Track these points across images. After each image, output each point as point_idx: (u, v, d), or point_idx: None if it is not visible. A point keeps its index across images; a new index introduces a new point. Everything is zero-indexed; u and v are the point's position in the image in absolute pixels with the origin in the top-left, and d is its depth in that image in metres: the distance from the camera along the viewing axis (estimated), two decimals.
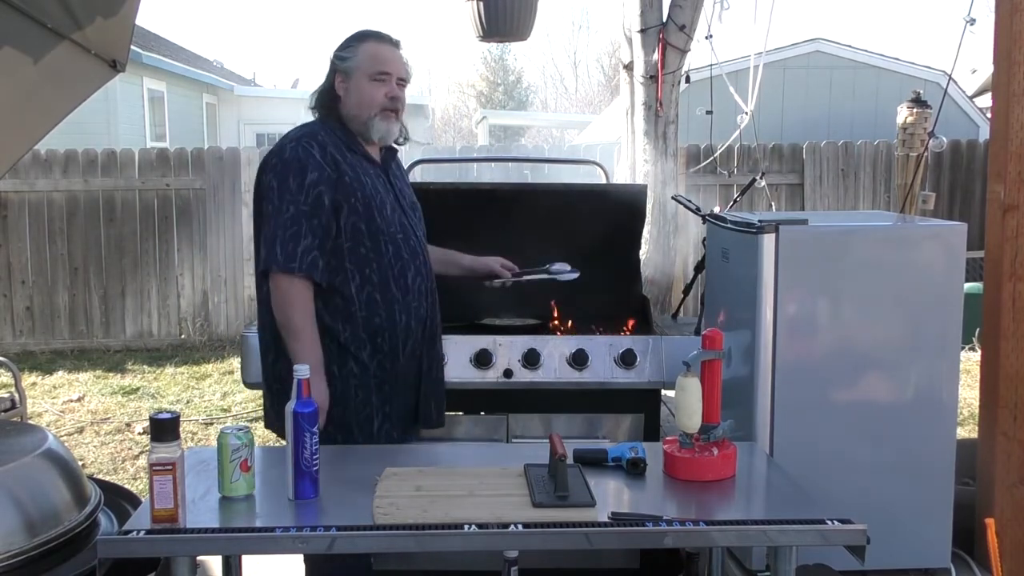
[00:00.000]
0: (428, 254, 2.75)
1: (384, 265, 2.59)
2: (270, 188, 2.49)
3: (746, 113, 5.79)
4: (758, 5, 5.61)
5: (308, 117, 2.73)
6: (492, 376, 3.21)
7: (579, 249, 3.54)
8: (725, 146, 6.42)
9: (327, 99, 2.66)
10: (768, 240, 2.77)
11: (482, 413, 3.30)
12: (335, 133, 2.61)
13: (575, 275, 3.14)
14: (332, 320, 2.55)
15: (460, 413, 3.29)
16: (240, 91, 17.95)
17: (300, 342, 2.48)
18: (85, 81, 3.23)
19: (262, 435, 5.75)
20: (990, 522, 2.92)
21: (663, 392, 3.31)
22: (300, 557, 2.65)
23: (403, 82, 2.67)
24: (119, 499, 2.82)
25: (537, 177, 7.98)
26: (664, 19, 5.65)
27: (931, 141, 4.56)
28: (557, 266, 3.13)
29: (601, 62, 34.53)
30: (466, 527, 1.93)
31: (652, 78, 5.65)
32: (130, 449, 5.52)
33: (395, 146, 2.75)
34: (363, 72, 2.62)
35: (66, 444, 4.80)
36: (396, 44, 2.70)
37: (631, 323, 3.54)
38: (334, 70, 2.65)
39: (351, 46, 2.65)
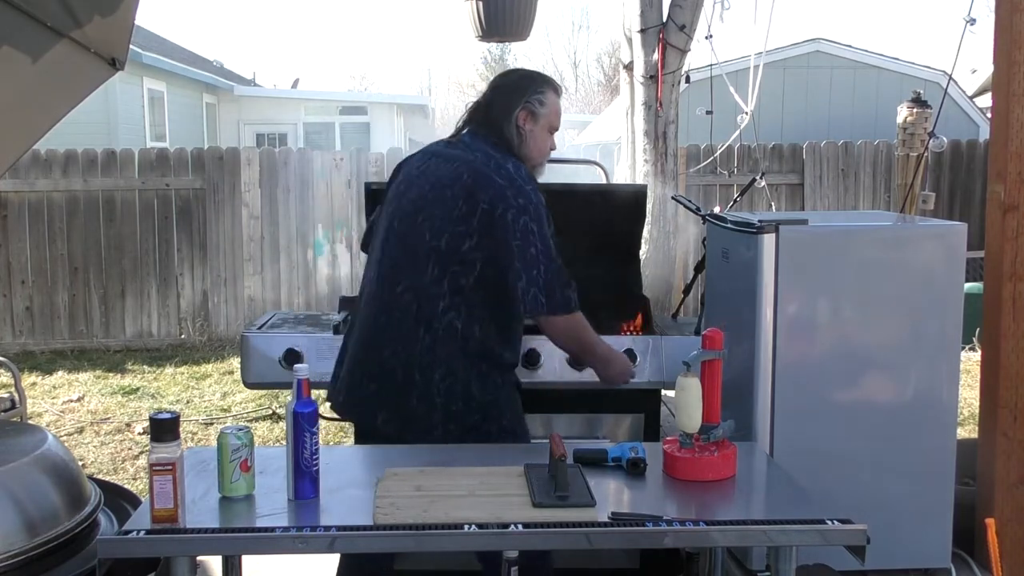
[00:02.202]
0: None
1: None
2: (529, 230, 2.56)
3: (746, 113, 5.79)
4: (758, 5, 5.61)
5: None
6: None
7: (579, 249, 3.54)
8: (725, 146, 6.43)
9: (500, 127, 2.70)
10: (768, 240, 2.77)
11: None
12: None
13: None
14: (499, 345, 2.66)
15: None
16: (240, 91, 17.94)
17: (600, 348, 2.77)
18: (84, 79, 3.22)
19: (262, 435, 5.75)
20: (990, 522, 2.92)
21: (663, 392, 3.31)
22: (304, 557, 2.65)
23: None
24: (119, 499, 2.81)
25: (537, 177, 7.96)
26: (664, 19, 5.65)
27: (931, 141, 4.55)
28: None
29: (601, 62, 34.54)
30: (466, 527, 1.93)
31: (652, 78, 5.65)
32: (130, 449, 5.52)
33: None
34: (546, 122, 2.75)
35: (66, 444, 4.80)
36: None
37: (631, 323, 3.54)
38: (520, 105, 2.71)
39: (544, 92, 2.74)
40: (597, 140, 14.03)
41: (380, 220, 2.79)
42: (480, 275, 2.57)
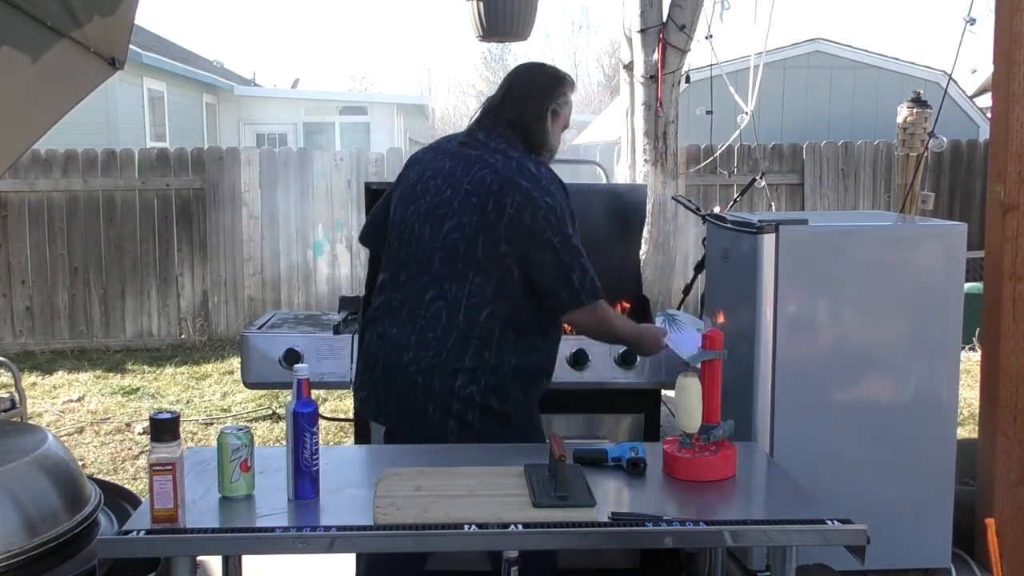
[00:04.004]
0: None
1: None
2: (564, 224, 2.59)
3: (746, 113, 5.79)
4: (758, 5, 5.60)
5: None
6: None
7: None
8: (725, 146, 6.42)
9: (527, 126, 2.69)
10: (768, 240, 2.77)
11: None
12: None
13: None
14: (533, 355, 2.64)
15: None
16: (240, 91, 17.94)
17: (628, 330, 2.79)
18: (84, 79, 3.23)
19: (262, 435, 5.75)
20: (990, 522, 2.92)
21: (663, 392, 3.31)
22: (304, 557, 2.66)
23: None
24: (119, 499, 2.81)
25: None
26: (664, 19, 5.65)
27: (931, 141, 4.55)
28: None
29: (601, 62, 34.56)
30: (466, 527, 1.93)
31: (652, 78, 5.66)
32: (130, 449, 5.52)
33: None
34: (563, 120, 2.77)
35: (66, 444, 4.80)
36: None
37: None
38: (547, 107, 2.71)
39: (566, 92, 2.77)
40: (597, 140, 14.03)
41: (395, 220, 2.72)
42: (521, 279, 2.56)
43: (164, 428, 1.94)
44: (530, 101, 2.70)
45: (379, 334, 2.66)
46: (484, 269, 2.55)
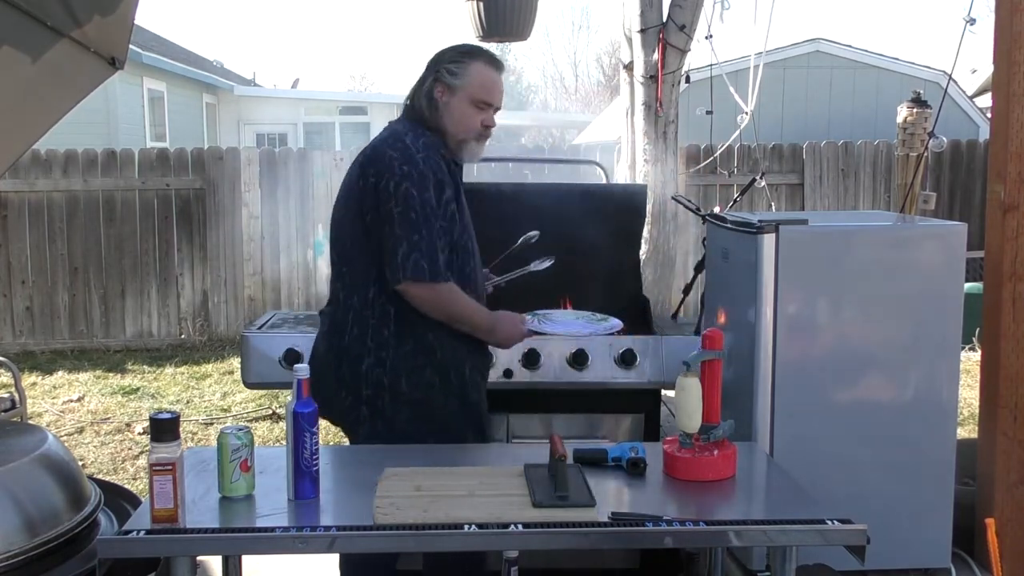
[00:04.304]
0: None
1: (464, 277, 2.63)
2: (410, 196, 2.47)
3: (746, 113, 5.79)
4: (758, 5, 5.60)
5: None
6: (492, 376, 3.19)
7: (579, 249, 3.54)
8: (725, 146, 6.42)
9: (425, 104, 2.62)
10: (768, 240, 2.77)
11: None
12: (443, 146, 2.62)
13: (550, 262, 3.12)
14: (439, 335, 2.59)
15: None
16: (240, 91, 17.96)
17: (477, 316, 2.62)
18: (84, 79, 3.23)
19: (262, 435, 5.75)
20: (990, 522, 2.92)
21: (663, 392, 3.31)
22: (304, 557, 2.66)
23: (498, 110, 2.68)
24: (119, 499, 2.81)
25: (537, 177, 7.97)
26: (664, 19, 5.65)
27: (931, 141, 4.55)
28: (535, 262, 3.12)
29: (601, 62, 34.52)
30: (466, 527, 1.93)
31: (652, 78, 5.65)
32: (130, 449, 5.52)
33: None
34: (467, 94, 2.60)
35: (66, 444, 4.80)
36: (501, 69, 2.68)
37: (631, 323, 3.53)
38: (436, 79, 2.61)
39: (461, 62, 2.61)
40: (597, 140, 14.03)
41: None
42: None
43: (164, 428, 1.94)
44: (420, 78, 2.66)
45: (321, 327, 2.77)
46: (365, 246, 2.54)
